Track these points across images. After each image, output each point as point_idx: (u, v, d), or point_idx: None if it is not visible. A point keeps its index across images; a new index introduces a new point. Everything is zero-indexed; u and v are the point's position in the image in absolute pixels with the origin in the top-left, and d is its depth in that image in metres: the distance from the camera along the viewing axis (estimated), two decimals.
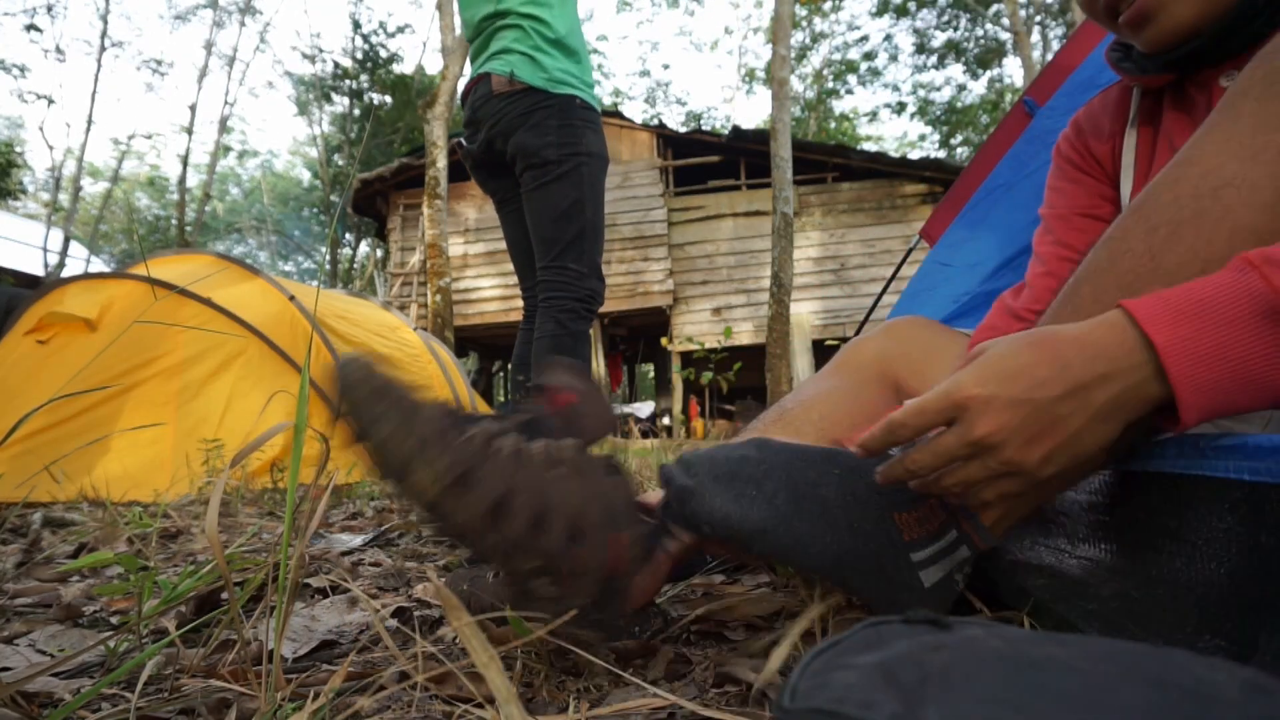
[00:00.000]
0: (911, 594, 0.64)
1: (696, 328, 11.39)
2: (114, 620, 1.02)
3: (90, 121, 18.18)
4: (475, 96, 2.22)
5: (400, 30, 20.89)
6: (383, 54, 20.58)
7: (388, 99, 19.83)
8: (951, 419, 0.54)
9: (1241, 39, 0.82)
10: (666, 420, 11.70)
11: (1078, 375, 0.51)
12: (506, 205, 2.29)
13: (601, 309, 10.96)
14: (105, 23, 18.78)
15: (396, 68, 20.33)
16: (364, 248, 21.94)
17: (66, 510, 2.09)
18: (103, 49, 18.75)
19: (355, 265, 22.23)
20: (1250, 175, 0.54)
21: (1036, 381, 0.52)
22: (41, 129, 18.52)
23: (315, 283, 26.48)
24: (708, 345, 10.68)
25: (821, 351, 10.73)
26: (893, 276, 3.33)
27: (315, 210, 25.89)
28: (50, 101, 17.80)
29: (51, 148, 18.53)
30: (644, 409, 12.06)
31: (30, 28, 17.58)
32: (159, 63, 20.75)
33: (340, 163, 20.26)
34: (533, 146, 2.10)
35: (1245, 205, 0.55)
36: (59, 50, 18.12)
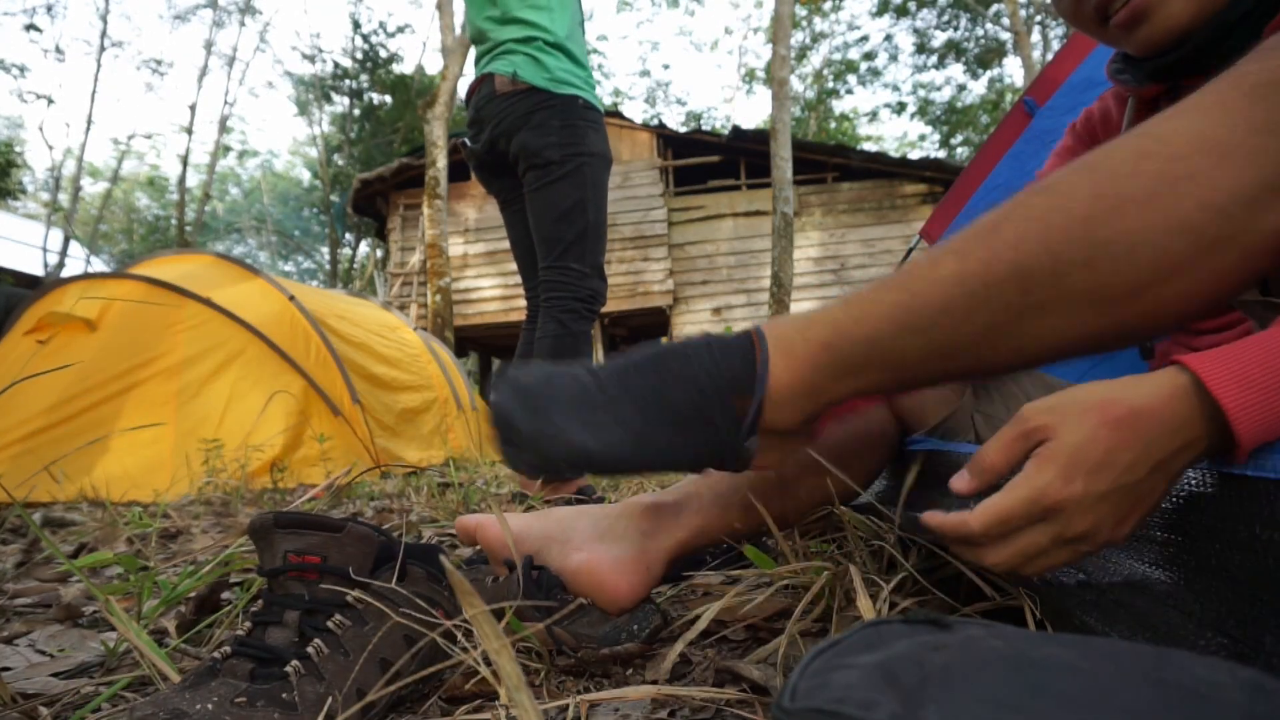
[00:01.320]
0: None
1: (697, 327, 11.38)
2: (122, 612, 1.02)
3: (90, 121, 18.18)
4: (479, 97, 2.22)
5: (400, 30, 20.92)
6: (383, 54, 20.58)
7: (388, 99, 19.84)
8: (1040, 519, 0.52)
9: (1233, 43, 0.79)
10: None
11: (1161, 451, 0.50)
12: (510, 205, 2.30)
13: (602, 309, 10.85)
14: (105, 22, 18.78)
15: (396, 68, 20.35)
16: (364, 247, 21.94)
17: (66, 510, 2.09)
18: (102, 49, 18.75)
19: (355, 265, 22.23)
20: (1215, 176, 0.53)
21: (1124, 468, 0.50)
22: (41, 129, 18.53)
23: (315, 282, 26.53)
24: None
25: None
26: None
27: (315, 210, 25.89)
28: (50, 101, 17.80)
29: (51, 147, 18.53)
30: None
31: (30, 27, 17.57)
32: (159, 62, 20.76)
33: (340, 162, 20.25)
34: (535, 146, 2.10)
35: (1199, 205, 0.53)
36: (59, 50, 18.12)
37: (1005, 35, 19.84)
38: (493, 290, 11.70)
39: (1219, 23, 0.79)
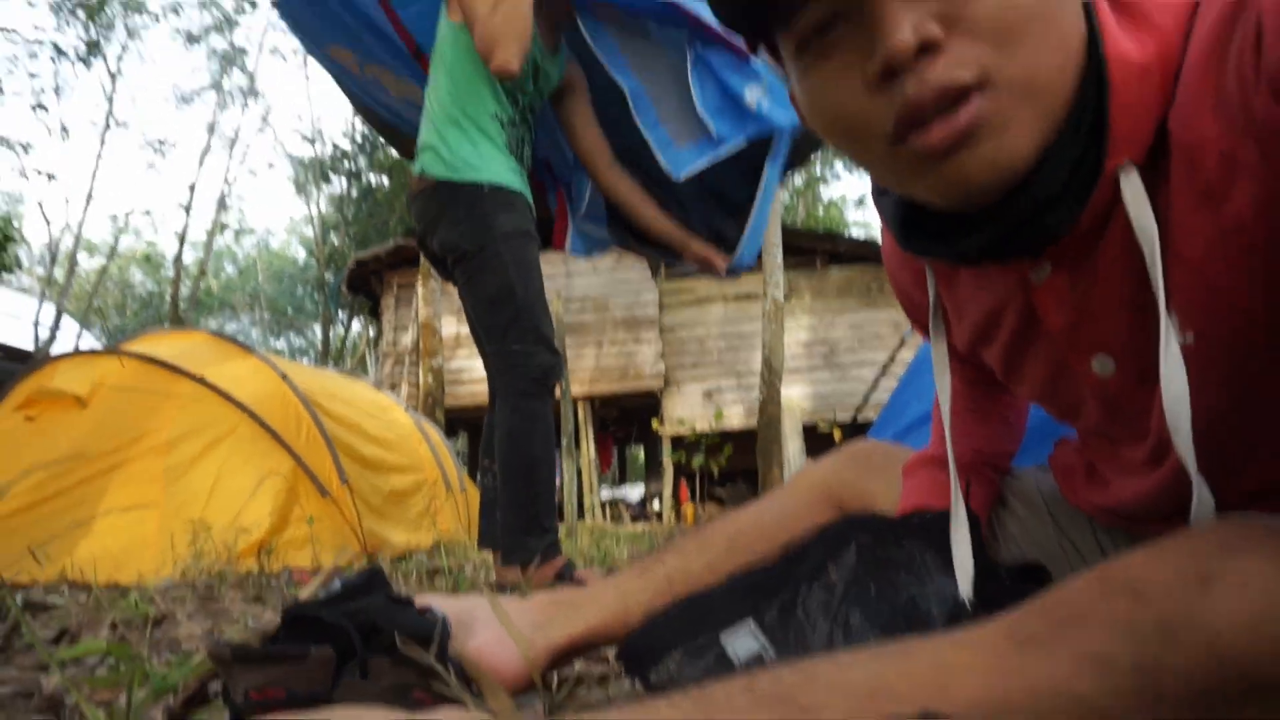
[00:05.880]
0: None
1: (688, 410, 11.39)
2: (100, 714, 0.99)
3: (90, 198, 18.44)
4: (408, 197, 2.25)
5: None
6: (382, 137, 21.02)
7: (385, 180, 20.19)
8: None
9: (1050, 219, 0.60)
10: (657, 505, 11.60)
11: None
12: (462, 298, 2.30)
13: (592, 391, 10.88)
14: (111, 103, 19.23)
15: (394, 151, 20.76)
16: (356, 326, 22.03)
17: (47, 593, 2.04)
18: (107, 128, 19.15)
19: (347, 343, 22.28)
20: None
21: None
22: (41, 205, 18.78)
23: (306, 360, 26.52)
24: (699, 428, 10.67)
25: (812, 436, 10.72)
26: (887, 364, 3.36)
27: (309, 288, 26.08)
28: (51, 178, 18.08)
29: (49, 223, 18.75)
30: (634, 493, 11.96)
31: (38, 106, 17.95)
32: (161, 142, 21.18)
33: (336, 242, 20.50)
34: (451, 241, 2.11)
35: None
36: (64, 129, 18.49)
37: None
38: (484, 370, 11.71)
39: (1040, 194, 0.59)
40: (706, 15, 2.20)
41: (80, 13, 17.52)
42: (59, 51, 17.63)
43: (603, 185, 2.46)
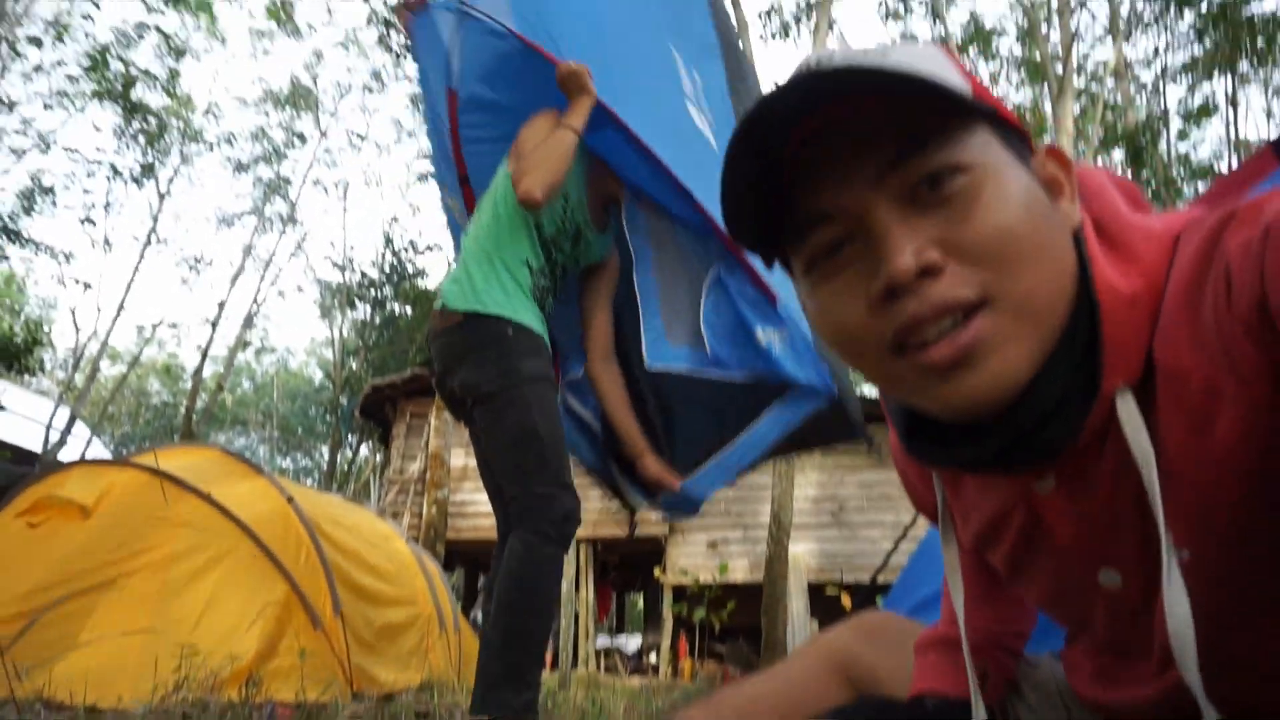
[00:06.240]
0: None
1: (691, 560, 11.15)
2: None
3: (121, 308, 18.91)
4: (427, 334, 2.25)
5: (429, 249, 22.13)
6: (410, 268, 21.69)
7: (409, 310, 20.65)
8: None
9: (1047, 434, 0.62)
10: (654, 657, 11.17)
11: None
12: (475, 438, 2.27)
13: (595, 534, 10.69)
14: (155, 221, 20.02)
15: (421, 282, 21.35)
16: (364, 451, 22.00)
17: (22, 713, 1.97)
18: (148, 244, 19.87)
19: (353, 467, 22.19)
20: None
21: None
22: (73, 312, 19.22)
23: (311, 481, 26.33)
24: (702, 580, 10.41)
25: (818, 596, 10.41)
26: (906, 530, 3.32)
27: (322, 410, 26.22)
28: (87, 287, 18.59)
29: (79, 329, 19.13)
30: (631, 643, 11.56)
31: (86, 220, 18.70)
32: (198, 260, 21.88)
33: (354, 366, 20.77)
34: (473, 381, 2.08)
35: None
36: (107, 242, 19.17)
37: None
38: (488, 505, 11.58)
39: (1038, 409, 0.61)
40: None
41: (141, 138, 18.55)
42: (115, 171, 18.56)
43: (591, 370, 2.46)
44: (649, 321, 2.36)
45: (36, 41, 17.36)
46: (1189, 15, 15.11)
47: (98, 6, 16.81)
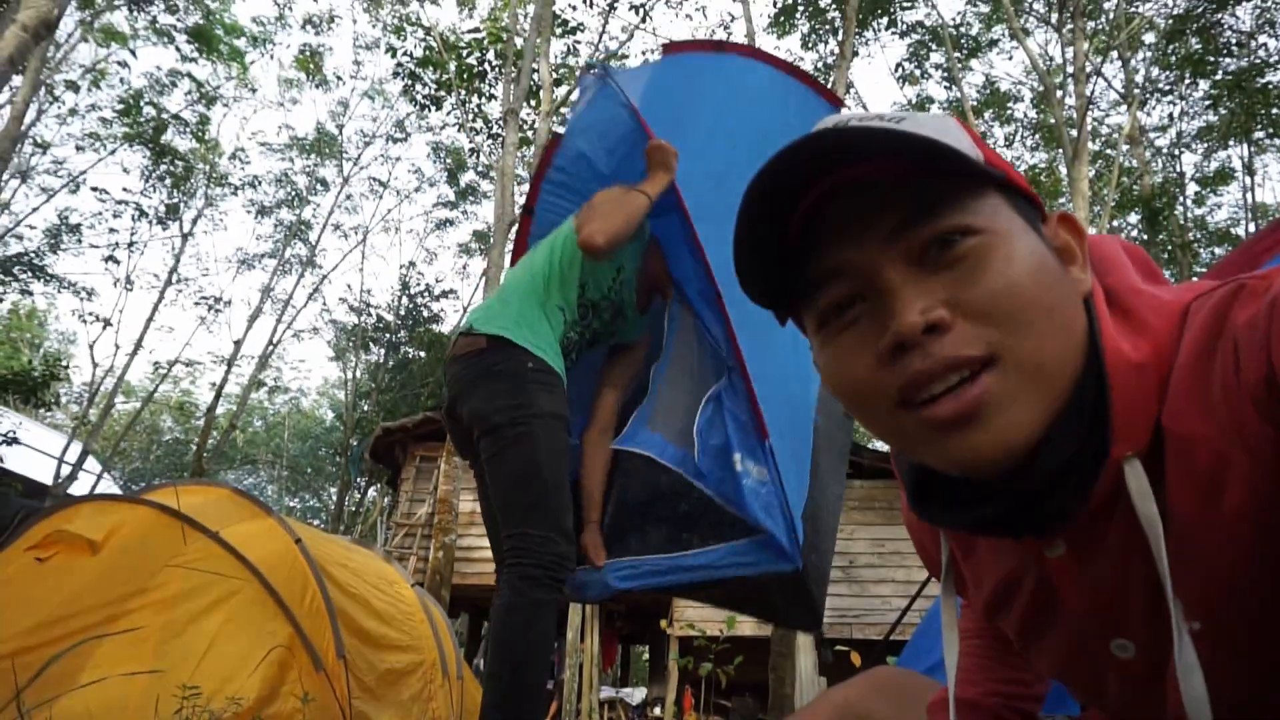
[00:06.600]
0: None
1: (698, 612, 10.98)
2: None
3: (138, 346, 19.08)
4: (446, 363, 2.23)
5: (445, 295, 22.31)
6: (425, 314, 21.86)
7: (422, 354, 20.76)
8: None
9: (1057, 500, 0.62)
10: (658, 710, 10.97)
11: None
12: (479, 472, 2.20)
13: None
14: (177, 261, 20.30)
15: (435, 327, 21.50)
16: (372, 493, 21.93)
17: None
18: (169, 283, 20.12)
19: (360, 509, 22.12)
20: None
21: None
22: (91, 348, 19.38)
23: (318, 522, 26.22)
24: (709, 633, 10.24)
25: (827, 653, 10.23)
26: (922, 587, 3.28)
27: (331, 451, 26.23)
28: (106, 324, 18.78)
29: (96, 365, 19.27)
30: (635, 695, 11.35)
31: (109, 259, 18.98)
32: (217, 299, 22.11)
33: (365, 408, 20.84)
34: (484, 411, 2.03)
35: None
36: (129, 280, 19.41)
37: None
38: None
39: (1044, 472, 0.60)
40: (753, 372, 2.22)
41: (167, 179, 18.92)
42: (140, 212, 18.89)
43: (585, 438, 2.44)
44: (642, 407, 2.35)
45: (74, 86, 17.85)
46: (1203, 84, 15.24)
47: (134, 55, 17.29)
